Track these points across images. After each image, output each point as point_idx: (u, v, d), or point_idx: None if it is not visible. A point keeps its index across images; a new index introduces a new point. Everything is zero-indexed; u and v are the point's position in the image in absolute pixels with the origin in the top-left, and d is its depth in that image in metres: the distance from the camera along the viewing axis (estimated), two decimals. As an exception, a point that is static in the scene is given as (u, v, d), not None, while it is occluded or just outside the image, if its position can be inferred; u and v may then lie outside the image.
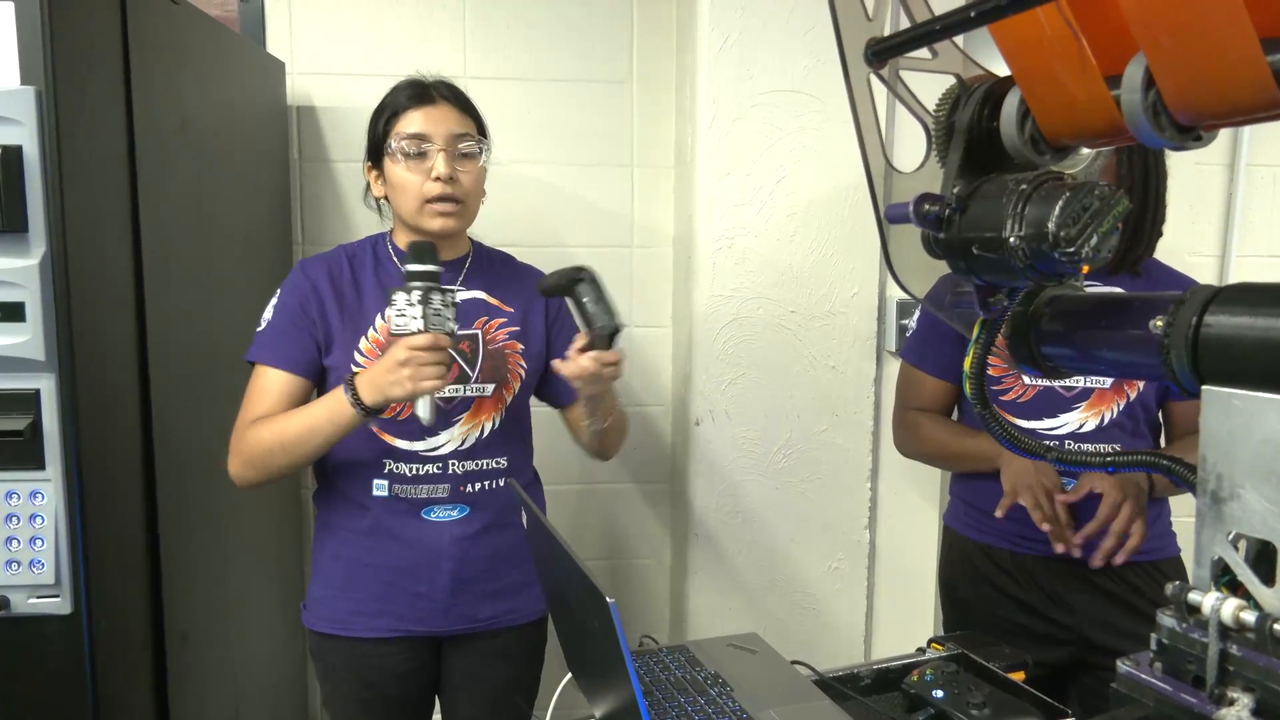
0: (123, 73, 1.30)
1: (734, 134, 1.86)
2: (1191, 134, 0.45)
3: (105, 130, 1.26)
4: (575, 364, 1.22)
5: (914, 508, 2.04)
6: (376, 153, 1.36)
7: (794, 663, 1.07)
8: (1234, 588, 0.45)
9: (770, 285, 1.91)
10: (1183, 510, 1.52)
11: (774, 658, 1.09)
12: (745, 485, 1.95)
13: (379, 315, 1.34)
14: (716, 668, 1.04)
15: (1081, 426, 1.44)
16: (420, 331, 1.18)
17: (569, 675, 1.05)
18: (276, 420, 1.29)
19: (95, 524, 1.21)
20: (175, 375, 1.44)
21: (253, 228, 1.83)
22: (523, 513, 0.97)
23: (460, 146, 1.33)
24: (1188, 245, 2.10)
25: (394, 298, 1.18)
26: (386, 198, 1.38)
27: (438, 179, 1.29)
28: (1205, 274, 2.11)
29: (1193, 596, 0.45)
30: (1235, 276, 2.12)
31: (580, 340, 1.24)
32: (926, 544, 2.03)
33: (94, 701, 1.22)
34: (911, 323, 1.65)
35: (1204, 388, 0.45)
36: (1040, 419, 1.45)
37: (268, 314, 1.36)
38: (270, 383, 1.32)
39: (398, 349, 1.18)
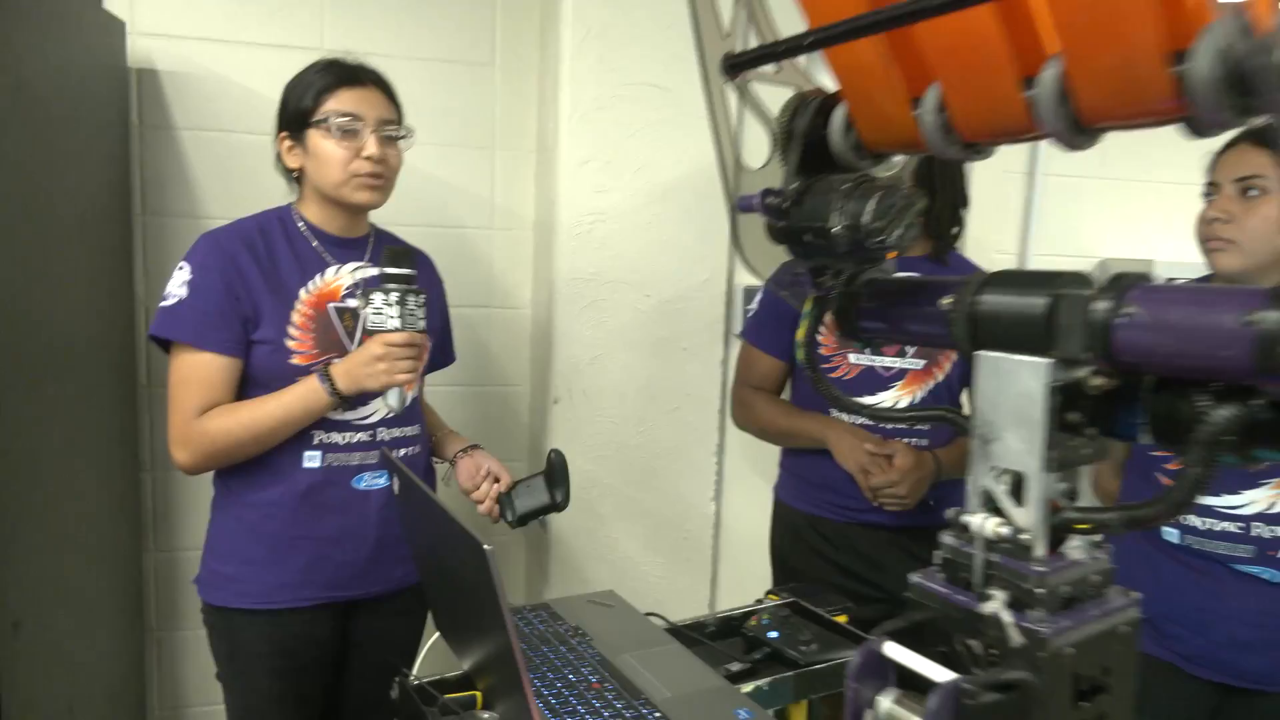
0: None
1: (596, 123, 1.93)
2: (974, 149, 0.56)
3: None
4: (483, 489, 1.48)
5: (754, 482, 2.19)
6: (298, 124, 1.37)
7: (648, 615, 1.17)
8: (998, 512, 0.57)
9: (627, 270, 1.99)
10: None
11: (629, 611, 1.18)
12: (602, 460, 2.04)
13: (301, 288, 1.38)
14: (577, 621, 1.12)
15: (897, 403, 1.63)
16: (397, 329, 1.27)
17: (435, 635, 1.10)
18: (240, 411, 1.33)
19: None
20: (10, 351, 1.36)
21: (89, 197, 1.73)
22: (394, 479, 1.01)
23: (388, 131, 1.39)
24: (994, 244, 2.35)
25: (372, 297, 1.29)
26: (301, 169, 1.40)
27: (369, 158, 1.35)
28: (1008, 270, 2.38)
29: (965, 519, 0.57)
30: (1032, 273, 2.40)
31: (505, 485, 1.48)
32: (765, 513, 2.19)
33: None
34: (754, 306, 1.79)
35: (977, 353, 0.57)
36: (862, 396, 1.62)
37: (180, 290, 1.33)
38: (212, 370, 1.32)
39: (374, 344, 1.29)
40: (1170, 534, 1.41)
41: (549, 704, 0.91)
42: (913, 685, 0.56)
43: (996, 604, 0.54)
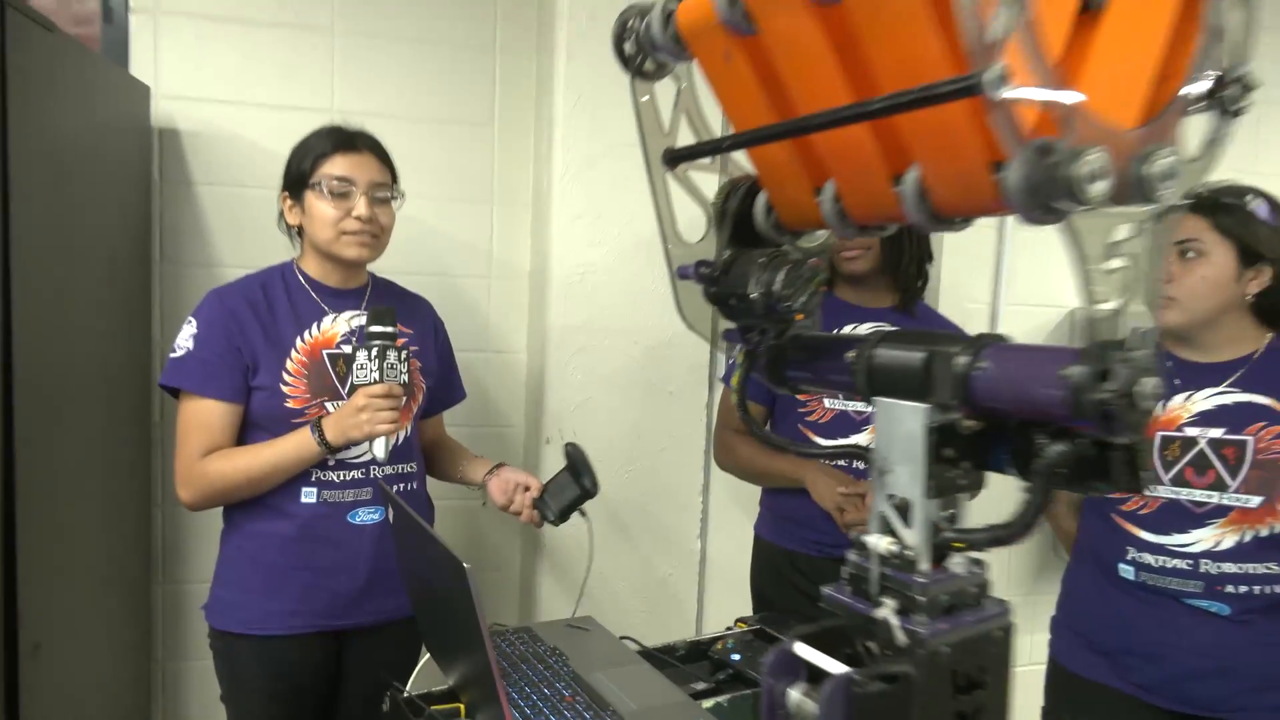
0: (0, 98, 1.36)
1: (586, 180, 2.06)
2: (869, 230, 0.68)
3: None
4: (518, 499, 1.59)
5: (738, 520, 2.28)
6: (298, 186, 1.50)
7: (622, 638, 1.26)
8: (893, 533, 0.68)
9: (617, 318, 2.10)
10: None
11: (605, 635, 1.28)
12: (591, 499, 2.13)
13: (297, 338, 1.50)
14: (555, 643, 1.21)
15: (871, 444, 1.73)
16: (377, 382, 1.39)
17: (426, 657, 1.19)
18: (238, 456, 1.44)
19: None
20: (38, 387, 1.48)
21: (115, 247, 1.87)
22: (389, 508, 1.12)
23: (378, 193, 1.52)
24: (967, 295, 2.47)
25: (356, 354, 1.41)
26: (300, 226, 1.53)
27: (358, 218, 1.47)
28: (980, 319, 2.49)
29: (866, 539, 0.68)
30: (1004, 322, 2.51)
31: (536, 491, 1.58)
32: (748, 550, 2.27)
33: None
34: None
35: (875, 398, 0.68)
36: (835, 438, 1.73)
37: (187, 343, 1.46)
38: (213, 415, 1.45)
39: (358, 397, 1.40)
40: (1126, 571, 1.50)
41: (523, 713, 1.00)
42: (822, 680, 0.66)
43: (886, 610, 0.64)
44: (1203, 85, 0.58)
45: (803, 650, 0.66)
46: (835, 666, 0.63)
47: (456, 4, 2.19)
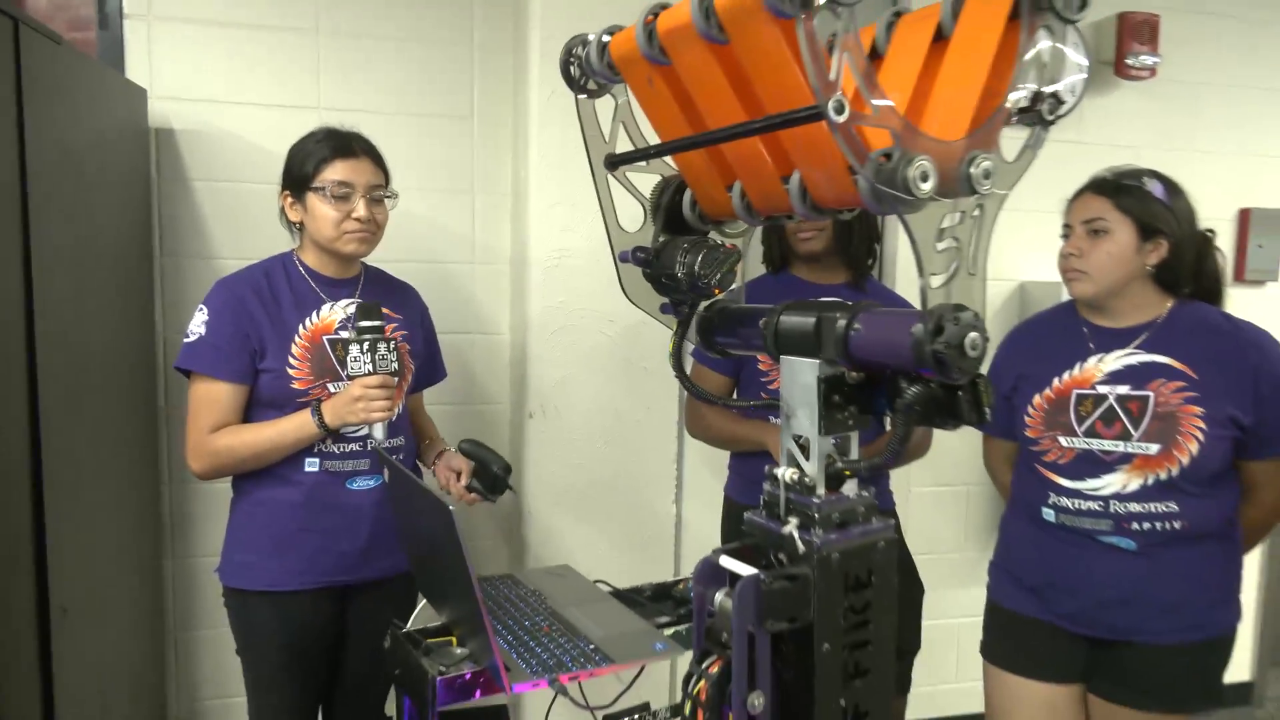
0: (15, 107, 1.49)
1: (562, 170, 2.19)
2: (771, 219, 0.83)
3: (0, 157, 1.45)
4: (453, 487, 1.72)
5: (708, 483, 2.43)
6: (299, 187, 1.63)
7: (596, 582, 1.42)
8: (797, 465, 0.83)
9: (593, 299, 2.24)
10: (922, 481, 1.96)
11: (580, 579, 1.44)
12: (573, 468, 2.28)
13: (300, 324, 1.64)
14: (536, 586, 1.37)
15: None
16: (370, 373, 1.54)
17: (423, 603, 1.35)
18: (244, 433, 1.59)
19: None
20: (59, 377, 1.62)
21: (120, 242, 2.00)
22: (385, 470, 1.27)
23: (375, 194, 1.66)
24: (922, 269, 2.63)
25: (350, 348, 1.55)
26: (301, 223, 1.66)
27: (358, 219, 1.60)
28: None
29: (776, 471, 0.83)
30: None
31: (465, 478, 1.71)
32: (718, 512, 2.44)
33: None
34: (701, 329, 2.06)
35: (782, 356, 0.83)
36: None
37: (199, 329, 1.60)
38: (222, 395, 1.59)
39: (354, 386, 1.55)
40: (1048, 515, 1.67)
41: (506, 640, 1.16)
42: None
43: (790, 526, 0.80)
44: (1023, 100, 0.73)
45: (725, 561, 0.81)
46: (748, 570, 0.78)
47: (436, 4, 2.31)
